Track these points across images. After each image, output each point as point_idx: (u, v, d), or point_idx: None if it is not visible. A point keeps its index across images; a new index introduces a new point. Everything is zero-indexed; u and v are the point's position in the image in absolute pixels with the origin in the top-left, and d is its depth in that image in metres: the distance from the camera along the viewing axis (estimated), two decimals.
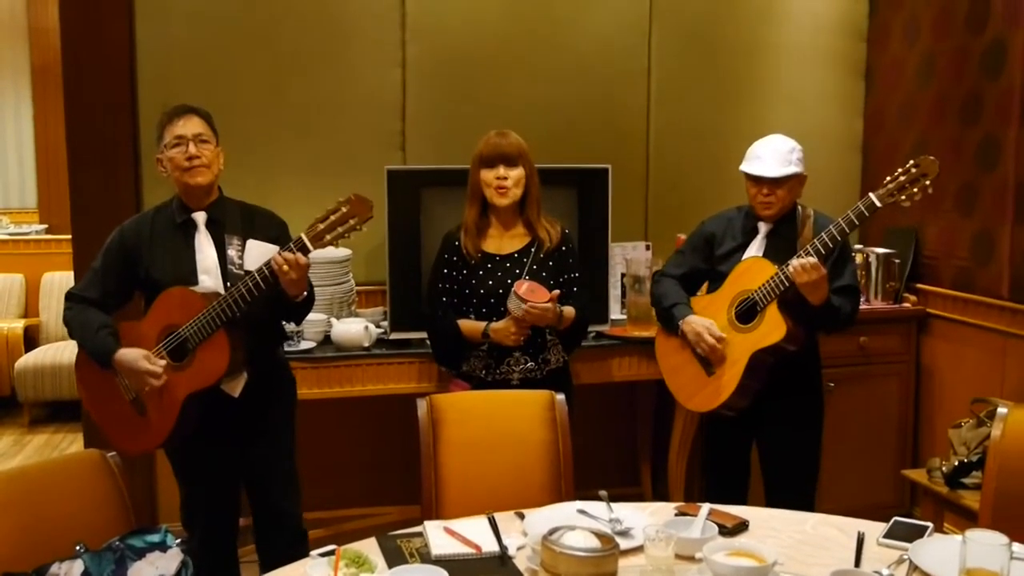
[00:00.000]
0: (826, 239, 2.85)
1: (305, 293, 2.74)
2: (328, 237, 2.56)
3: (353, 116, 3.96)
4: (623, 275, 3.95)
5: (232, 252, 2.77)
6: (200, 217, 2.81)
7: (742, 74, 4.36)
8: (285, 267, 2.56)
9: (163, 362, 2.67)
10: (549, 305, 2.93)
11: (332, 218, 2.55)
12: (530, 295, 2.92)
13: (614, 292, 3.95)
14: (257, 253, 2.71)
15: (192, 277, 2.76)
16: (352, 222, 2.55)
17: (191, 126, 2.76)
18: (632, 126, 4.25)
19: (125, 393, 2.79)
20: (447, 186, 3.62)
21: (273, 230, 2.85)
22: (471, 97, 4.05)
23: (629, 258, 3.91)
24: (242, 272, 2.71)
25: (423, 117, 4.03)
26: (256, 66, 3.86)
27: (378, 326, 3.65)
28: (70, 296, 2.83)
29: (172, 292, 2.71)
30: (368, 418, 3.97)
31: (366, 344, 3.53)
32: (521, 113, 3.98)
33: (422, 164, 3.94)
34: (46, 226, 7.08)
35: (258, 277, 2.60)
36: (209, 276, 2.76)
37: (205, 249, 2.79)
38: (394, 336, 3.60)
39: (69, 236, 3.82)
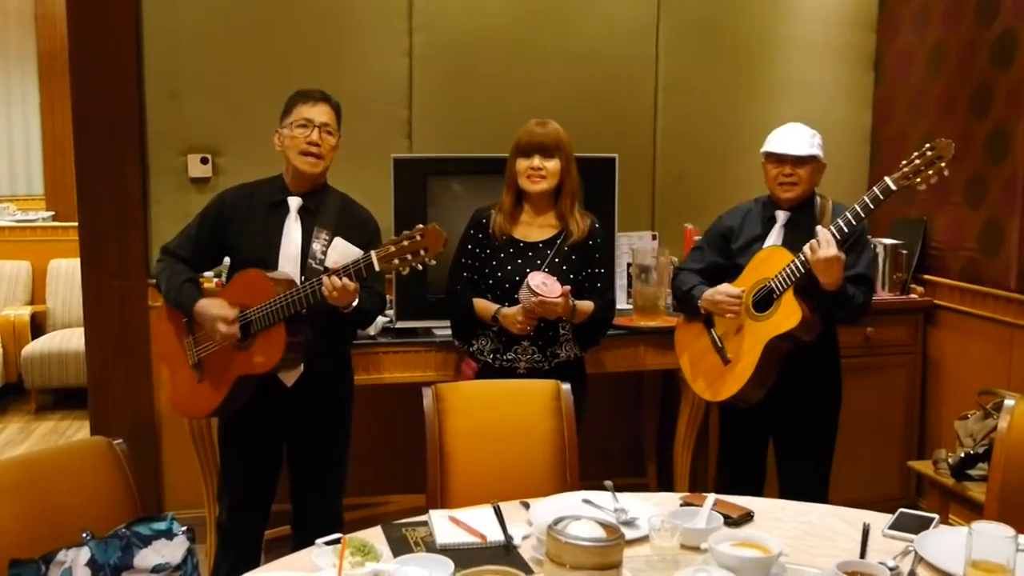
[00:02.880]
0: (841, 224, 2.83)
1: (355, 303, 2.68)
2: (396, 262, 2.53)
3: (359, 104, 3.92)
4: (629, 265, 3.94)
5: (316, 246, 2.76)
6: (294, 202, 2.82)
7: (750, 64, 4.34)
8: (334, 292, 2.56)
9: (236, 311, 2.68)
10: (559, 300, 2.91)
11: (404, 243, 2.52)
12: (541, 288, 2.89)
13: (620, 282, 3.94)
14: (341, 253, 2.66)
15: (274, 261, 2.77)
16: (423, 253, 2.50)
17: (321, 113, 2.78)
18: (640, 115, 4.23)
19: (189, 357, 2.83)
20: (453, 175, 3.62)
21: (366, 234, 2.82)
22: (478, 86, 4.04)
23: (635, 248, 3.90)
24: (321, 268, 2.69)
25: (430, 106, 4.01)
26: (262, 54, 3.85)
27: (384, 315, 3.64)
28: (164, 250, 2.90)
29: (248, 273, 2.74)
30: (373, 407, 3.96)
31: (372, 333, 3.52)
32: (528, 101, 3.96)
33: (428, 153, 3.93)
34: (52, 213, 7.09)
35: (308, 290, 2.60)
36: (290, 263, 2.76)
37: (292, 235, 2.79)
38: (400, 325, 3.60)
39: (76, 223, 3.82)
